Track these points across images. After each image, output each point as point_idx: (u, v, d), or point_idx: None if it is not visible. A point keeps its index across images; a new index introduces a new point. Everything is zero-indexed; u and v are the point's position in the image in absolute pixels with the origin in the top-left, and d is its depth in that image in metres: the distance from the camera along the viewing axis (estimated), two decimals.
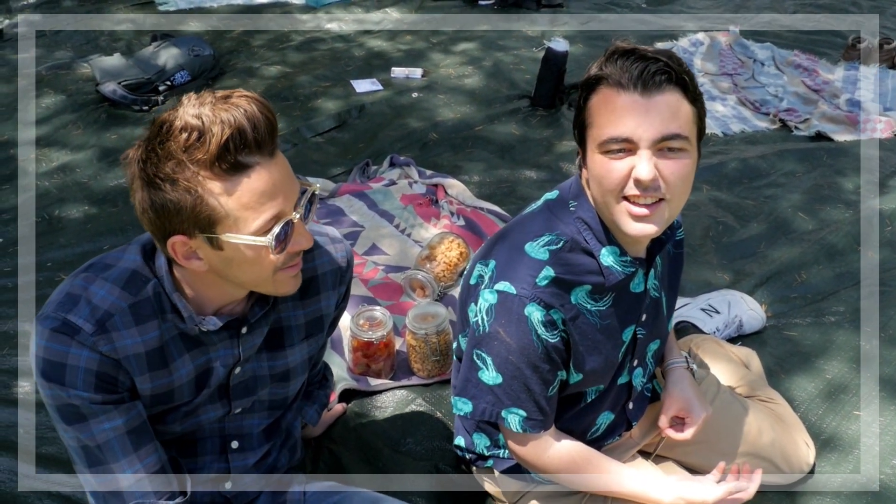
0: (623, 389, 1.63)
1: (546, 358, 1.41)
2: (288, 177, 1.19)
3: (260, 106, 1.14)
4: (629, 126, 1.25)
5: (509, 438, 1.54)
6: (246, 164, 1.12)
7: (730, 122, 3.84)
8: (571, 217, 1.42)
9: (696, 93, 1.30)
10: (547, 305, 1.37)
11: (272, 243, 1.17)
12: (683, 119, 1.27)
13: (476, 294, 1.43)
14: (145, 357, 1.26)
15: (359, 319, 2.16)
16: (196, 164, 1.10)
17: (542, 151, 3.51)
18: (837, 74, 4.30)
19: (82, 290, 1.22)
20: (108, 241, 2.85)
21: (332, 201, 3.03)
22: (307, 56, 4.46)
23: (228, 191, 1.12)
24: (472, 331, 1.45)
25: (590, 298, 1.43)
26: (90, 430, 1.24)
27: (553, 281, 1.38)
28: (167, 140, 1.10)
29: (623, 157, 1.27)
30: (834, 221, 2.98)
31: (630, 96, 1.25)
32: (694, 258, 2.78)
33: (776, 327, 2.44)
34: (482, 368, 1.45)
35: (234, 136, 1.10)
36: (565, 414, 1.58)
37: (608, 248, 1.41)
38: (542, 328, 1.38)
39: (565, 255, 1.40)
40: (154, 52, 3.99)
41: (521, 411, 1.46)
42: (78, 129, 3.61)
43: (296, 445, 1.64)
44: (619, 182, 1.28)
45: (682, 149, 1.27)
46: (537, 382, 1.43)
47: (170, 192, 1.11)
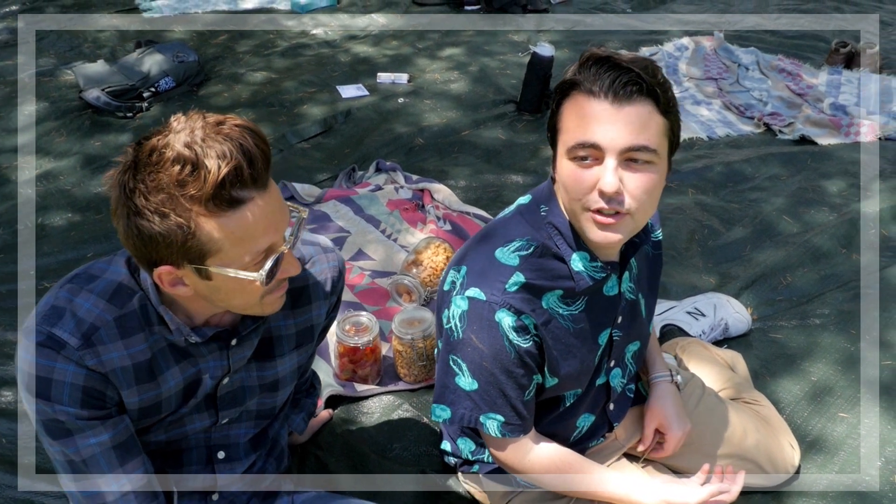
0: (601, 391, 1.64)
1: (519, 363, 1.41)
2: (280, 208, 1.17)
3: (255, 138, 1.11)
4: (597, 133, 1.25)
5: (490, 444, 1.54)
6: (241, 199, 1.10)
7: (715, 126, 3.86)
8: (542, 222, 1.42)
9: (668, 105, 1.28)
10: (517, 311, 1.37)
11: (263, 279, 1.16)
12: (653, 131, 1.26)
13: (449, 300, 1.43)
14: (132, 370, 1.24)
15: (345, 325, 2.15)
16: (189, 199, 1.06)
17: (528, 156, 3.52)
18: (821, 79, 4.33)
19: (67, 303, 1.20)
20: (92, 249, 2.83)
21: (318, 207, 3.02)
22: (293, 61, 4.44)
23: (221, 226, 1.09)
24: (446, 336, 1.45)
25: (562, 303, 1.43)
26: (76, 445, 1.23)
27: (523, 286, 1.38)
28: (158, 171, 1.06)
29: (590, 166, 1.27)
30: (818, 224, 3.00)
31: (600, 104, 1.25)
32: (680, 261, 2.79)
33: (762, 330, 2.45)
34: (458, 374, 1.45)
35: (231, 172, 1.06)
36: (545, 418, 1.58)
37: (578, 253, 1.41)
38: (513, 333, 1.38)
39: (536, 260, 1.40)
40: (138, 58, 3.97)
41: (498, 416, 1.46)
42: (61, 137, 3.58)
43: (282, 454, 1.63)
44: (585, 191, 1.28)
45: (649, 161, 1.27)
46: (513, 387, 1.43)
47: (158, 225, 1.08)
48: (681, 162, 3.47)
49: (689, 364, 2.06)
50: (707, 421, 1.79)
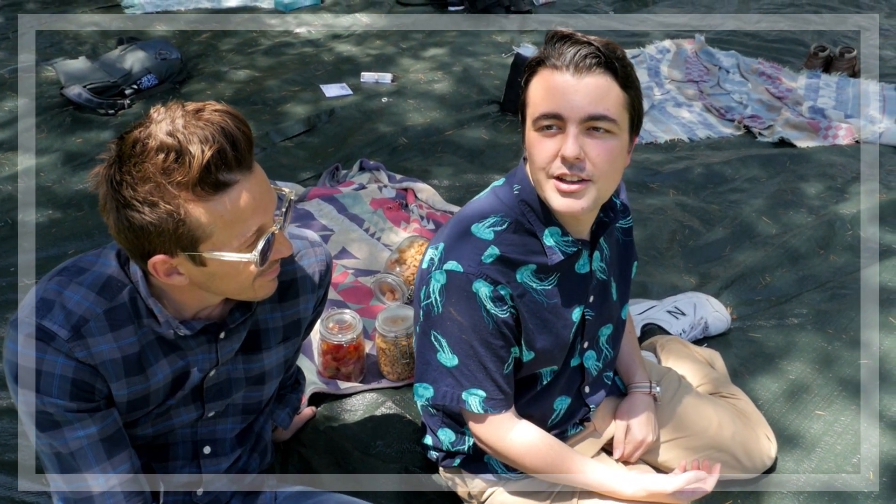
0: (576, 372, 1.67)
1: (497, 333, 1.45)
2: (266, 189, 1.18)
3: (236, 121, 1.12)
4: (559, 103, 1.31)
5: (471, 421, 1.55)
6: (227, 182, 1.11)
7: (696, 128, 3.90)
8: (515, 200, 1.48)
9: (627, 79, 1.35)
10: (494, 281, 1.42)
11: (257, 259, 1.18)
12: (612, 102, 1.32)
13: (428, 276, 1.47)
14: (122, 363, 1.25)
15: (328, 323, 2.16)
16: (176, 186, 1.08)
17: (511, 156, 3.53)
18: (800, 82, 4.39)
19: (56, 295, 1.20)
20: (73, 246, 2.81)
21: (301, 205, 3.02)
22: (276, 60, 4.44)
23: (211, 210, 1.11)
24: (426, 312, 1.48)
25: (535, 277, 1.48)
26: (63, 438, 1.23)
27: (498, 259, 1.43)
28: (143, 161, 1.07)
29: (553, 135, 1.33)
30: (797, 226, 3.04)
31: (562, 76, 1.32)
32: (660, 261, 2.81)
33: (741, 329, 2.48)
34: (439, 350, 1.48)
35: (215, 156, 1.07)
36: (523, 397, 1.61)
37: (550, 228, 1.46)
38: (490, 303, 1.42)
39: (510, 235, 1.45)
40: (120, 55, 3.95)
41: (480, 391, 1.49)
42: (42, 133, 3.56)
43: (266, 449, 1.64)
44: (548, 158, 1.34)
45: (609, 131, 1.33)
46: (492, 360, 1.47)
47: (148, 215, 1.09)
48: (662, 163, 3.50)
49: (668, 361, 2.09)
50: (683, 412, 1.82)
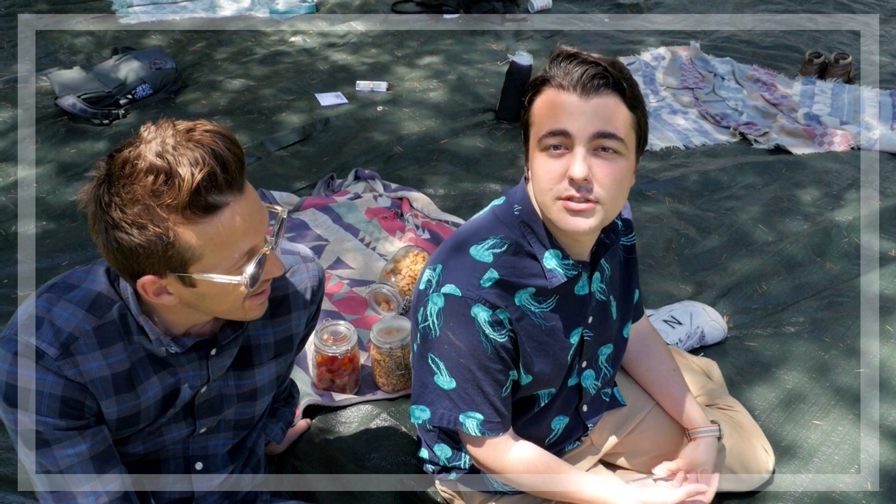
0: (573, 392, 1.65)
1: (496, 357, 1.43)
2: (258, 209, 1.17)
3: (227, 142, 1.10)
4: (566, 122, 1.29)
5: (469, 443, 1.54)
6: (217, 204, 1.09)
7: (691, 135, 3.89)
8: (516, 221, 1.46)
9: (635, 100, 1.33)
10: (492, 306, 1.40)
11: (247, 281, 1.16)
12: (620, 122, 1.30)
13: (425, 298, 1.45)
14: (111, 380, 1.23)
15: (323, 334, 2.15)
16: (165, 208, 1.06)
17: (506, 164, 3.53)
18: (795, 89, 4.39)
19: (45, 312, 1.19)
20: (67, 258, 2.80)
21: (296, 215, 3.01)
22: (271, 69, 4.43)
23: (200, 233, 1.09)
24: (423, 335, 1.47)
25: (534, 300, 1.46)
26: (53, 456, 1.22)
27: (497, 283, 1.41)
28: (132, 183, 1.06)
29: (560, 156, 1.31)
30: (793, 233, 3.03)
31: (569, 97, 1.30)
32: (656, 270, 2.81)
33: (737, 338, 2.48)
34: (437, 373, 1.46)
35: (205, 179, 1.06)
36: (521, 419, 1.60)
37: (551, 251, 1.44)
38: (489, 328, 1.41)
39: (509, 258, 1.43)
40: (115, 65, 3.94)
41: (478, 415, 1.47)
42: (36, 144, 3.54)
43: (259, 464, 1.62)
44: (555, 179, 1.32)
45: (616, 151, 1.31)
46: (490, 383, 1.45)
47: (137, 237, 1.08)
48: (657, 171, 3.50)
49: None
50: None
